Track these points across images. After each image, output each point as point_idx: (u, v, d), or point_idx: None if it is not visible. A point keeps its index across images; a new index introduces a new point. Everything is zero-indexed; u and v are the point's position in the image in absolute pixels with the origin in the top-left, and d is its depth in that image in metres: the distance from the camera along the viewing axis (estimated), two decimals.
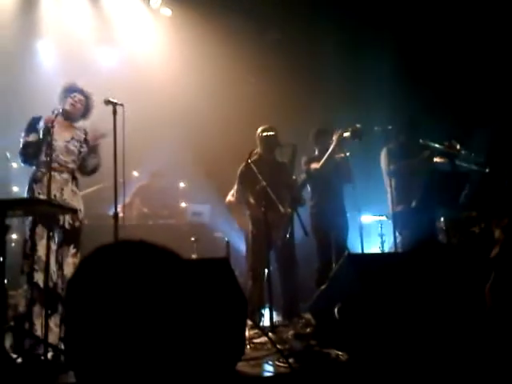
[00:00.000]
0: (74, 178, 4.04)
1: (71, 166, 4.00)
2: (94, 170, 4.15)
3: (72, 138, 4.05)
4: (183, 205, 6.81)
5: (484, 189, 5.12)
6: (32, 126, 3.93)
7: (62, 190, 3.91)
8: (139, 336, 1.28)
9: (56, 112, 3.78)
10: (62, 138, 3.97)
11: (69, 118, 4.09)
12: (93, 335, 1.15)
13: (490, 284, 4.06)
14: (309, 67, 7.33)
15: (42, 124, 3.88)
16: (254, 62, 7.27)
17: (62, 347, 3.40)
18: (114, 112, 3.89)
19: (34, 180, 3.90)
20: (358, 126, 5.04)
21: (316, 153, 5.38)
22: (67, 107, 4.04)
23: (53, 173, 3.82)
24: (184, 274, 1.45)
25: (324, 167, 5.10)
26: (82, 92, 4.13)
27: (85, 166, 4.12)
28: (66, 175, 3.93)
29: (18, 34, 6.74)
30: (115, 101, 3.90)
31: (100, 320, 1.15)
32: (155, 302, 1.20)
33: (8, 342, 3.38)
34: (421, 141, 5.07)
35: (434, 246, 5.01)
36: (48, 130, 3.75)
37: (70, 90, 4.10)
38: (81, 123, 4.20)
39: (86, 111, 4.17)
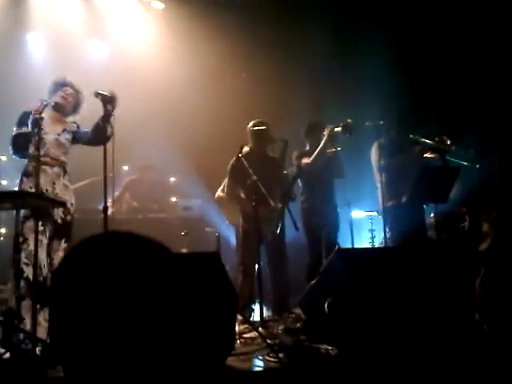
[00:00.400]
0: (66, 172, 4.00)
1: (62, 158, 3.97)
2: (108, 138, 3.93)
3: (64, 130, 4.02)
4: (173, 199, 6.78)
5: (474, 184, 5.15)
6: (23, 120, 3.89)
7: (54, 184, 3.88)
8: (127, 329, 1.27)
9: (44, 102, 3.74)
10: (52, 131, 3.94)
11: (60, 111, 4.07)
12: (78, 327, 1.14)
13: (481, 279, 4.08)
14: (300, 62, 7.31)
15: (31, 117, 3.84)
16: (246, 57, 7.25)
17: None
18: (104, 104, 3.85)
19: (25, 174, 3.88)
20: (349, 121, 5.04)
21: (307, 148, 5.37)
22: (59, 100, 4.03)
23: (44, 167, 3.80)
24: (172, 265, 1.44)
25: (315, 162, 5.09)
26: (72, 86, 4.12)
27: (100, 132, 3.95)
28: (57, 169, 3.91)
29: (8, 26, 6.68)
30: (105, 93, 3.87)
31: (86, 312, 1.14)
32: (143, 293, 1.18)
33: None
34: (411, 136, 5.07)
35: (424, 242, 5.04)
36: (37, 121, 3.71)
37: (61, 84, 4.10)
38: (71, 118, 4.17)
39: (76, 105, 4.16)
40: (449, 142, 5.04)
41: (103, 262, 1.23)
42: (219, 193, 5.96)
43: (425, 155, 5.12)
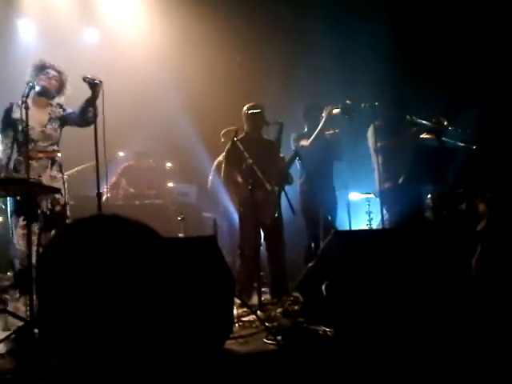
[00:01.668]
0: (54, 162, 3.97)
1: (50, 148, 3.95)
2: (94, 119, 3.86)
3: (49, 120, 3.97)
4: (170, 185, 6.77)
5: (471, 165, 5.13)
6: (6, 120, 3.91)
7: (40, 176, 3.88)
8: (119, 314, 1.25)
9: (30, 84, 3.70)
10: (38, 123, 3.89)
11: (45, 94, 4.00)
12: (67, 312, 1.12)
13: (477, 257, 4.08)
14: (297, 42, 7.25)
15: (16, 115, 3.84)
16: (242, 39, 7.18)
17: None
18: (93, 90, 3.78)
19: (14, 169, 3.88)
20: (348, 102, 5.00)
21: (305, 129, 5.34)
22: (42, 84, 3.95)
23: (30, 161, 3.78)
24: (161, 249, 1.42)
25: (313, 144, 5.07)
26: (54, 68, 4.04)
27: (85, 118, 3.95)
28: (43, 161, 3.89)
29: None
30: (92, 77, 3.80)
31: (74, 297, 1.12)
32: (133, 277, 1.16)
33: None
34: (408, 117, 5.04)
35: (421, 223, 5.03)
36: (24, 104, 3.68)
37: (41, 67, 4.01)
38: (57, 99, 4.11)
39: (60, 87, 4.09)
40: (446, 123, 5.01)
41: (90, 246, 1.21)
42: (210, 184, 5.98)
43: (421, 136, 5.09)
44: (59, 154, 4.09)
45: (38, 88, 3.92)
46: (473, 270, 4.05)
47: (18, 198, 3.82)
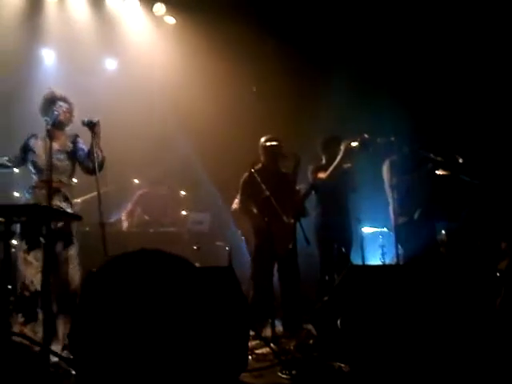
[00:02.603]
0: (58, 192, 3.94)
1: (56, 179, 3.90)
2: (102, 165, 3.97)
3: (57, 151, 3.95)
4: (184, 213, 6.79)
5: (486, 202, 5.14)
6: (23, 149, 4.05)
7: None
8: (147, 343, 1.28)
9: (56, 113, 3.85)
10: (47, 153, 3.88)
11: (59, 126, 4.05)
12: (106, 341, 1.15)
13: (501, 298, 4.05)
14: (315, 75, 7.32)
15: (31, 144, 4.00)
16: (258, 71, 7.27)
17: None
18: (92, 130, 3.87)
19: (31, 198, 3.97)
20: (366, 136, 5.03)
21: (323, 161, 5.37)
22: (56, 117, 4.00)
23: (34, 189, 3.90)
24: (198, 282, 1.46)
25: (331, 177, 5.09)
26: (64, 99, 4.11)
27: (92, 160, 3.92)
28: (45, 191, 3.84)
29: (23, 42, 6.76)
30: (89, 119, 3.89)
31: (112, 326, 1.15)
32: (170, 308, 1.20)
33: None
34: (424, 153, 5.07)
35: (436, 258, 5.02)
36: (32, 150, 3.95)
37: (52, 101, 4.07)
38: (69, 129, 4.16)
39: (70, 117, 4.15)
40: (461, 161, 5.04)
41: (134, 278, 1.25)
42: (235, 205, 5.97)
43: (437, 172, 5.12)
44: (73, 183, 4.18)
45: (51, 122, 3.98)
46: (497, 310, 4.01)
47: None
